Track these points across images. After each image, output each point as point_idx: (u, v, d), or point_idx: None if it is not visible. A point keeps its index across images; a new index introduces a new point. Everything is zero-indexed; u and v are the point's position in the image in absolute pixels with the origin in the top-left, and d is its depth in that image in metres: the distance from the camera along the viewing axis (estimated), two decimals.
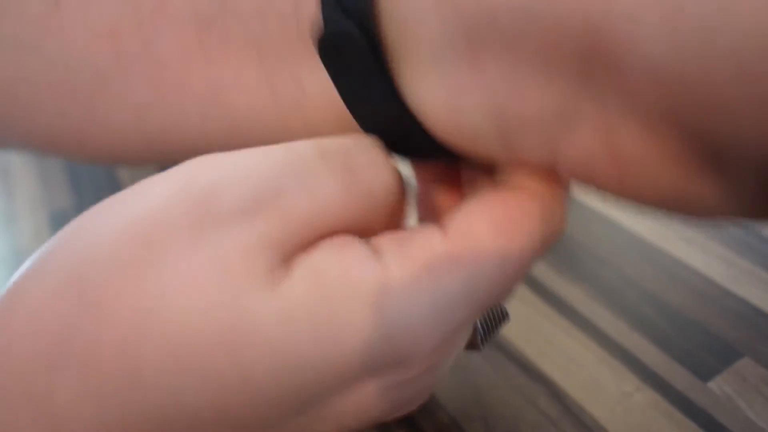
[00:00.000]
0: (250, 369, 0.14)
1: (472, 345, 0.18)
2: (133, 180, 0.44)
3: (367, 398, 0.15)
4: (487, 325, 0.18)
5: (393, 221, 0.17)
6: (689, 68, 0.12)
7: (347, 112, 0.18)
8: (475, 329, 0.18)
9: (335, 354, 0.14)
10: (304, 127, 0.19)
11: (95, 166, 0.46)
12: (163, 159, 0.22)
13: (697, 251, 0.30)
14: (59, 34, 0.21)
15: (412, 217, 0.18)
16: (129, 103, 0.21)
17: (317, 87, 0.18)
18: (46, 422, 0.14)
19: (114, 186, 0.43)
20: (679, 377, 0.25)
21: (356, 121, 0.18)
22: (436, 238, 0.15)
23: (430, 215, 0.20)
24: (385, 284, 0.15)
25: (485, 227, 0.16)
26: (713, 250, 0.30)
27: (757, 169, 0.14)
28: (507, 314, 0.19)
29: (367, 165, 0.16)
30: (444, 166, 0.20)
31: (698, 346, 0.26)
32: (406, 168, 0.19)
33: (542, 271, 0.30)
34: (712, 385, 0.25)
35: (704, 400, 0.24)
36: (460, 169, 0.20)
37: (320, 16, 0.17)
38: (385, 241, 0.16)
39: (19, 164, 0.48)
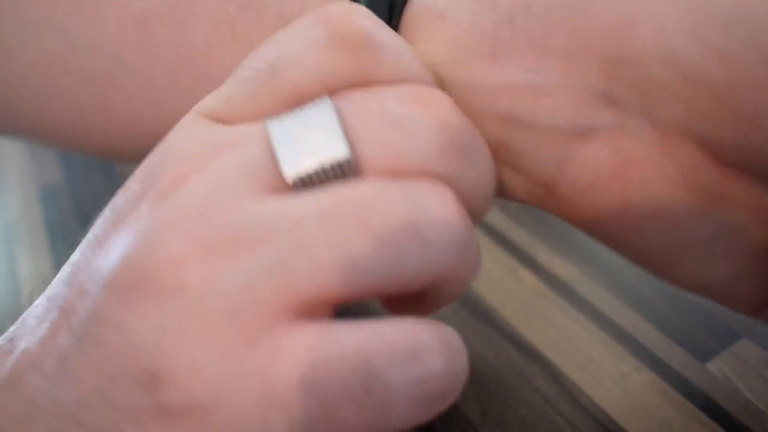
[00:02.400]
0: None
1: None
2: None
3: None
4: None
5: None
6: (711, 64, 0.13)
7: None
8: None
9: None
10: None
11: None
12: None
13: None
14: (88, 17, 0.21)
15: None
16: (145, 92, 0.21)
17: None
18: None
19: (104, 162, 0.42)
20: (678, 358, 0.25)
21: None
22: None
23: None
24: None
25: None
26: None
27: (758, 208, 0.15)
28: None
29: None
30: None
31: (697, 327, 0.26)
32: None
33: (540, 251, 0.30)
34: (711, 366, 0.24)
35: (703, 381, 0.24)
36: None
37: None
38: None
39: (8, 139, 0.47)
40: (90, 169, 0.41)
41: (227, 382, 0.12)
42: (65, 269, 0.15)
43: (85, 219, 0.37)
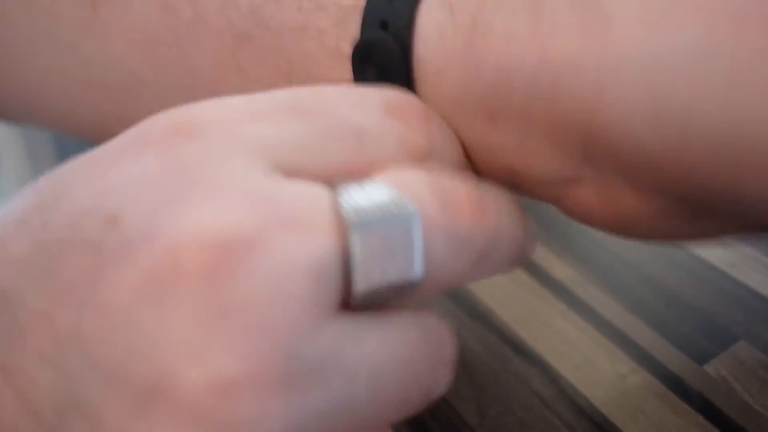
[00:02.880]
0: None
1: None
2: None
3: None
4: None
5: None
6: (671, 150, 0.15)
7: None
8: None
9: None
10: None
11: (84, 142, 0.45)
12: None
13: None
14: (96, 36, 0.21)
15: None
16: (162, 102, 0.21)
17: None
18: None
19: None
20: (675, 360, 0.25)
21: None
22: None
23: None
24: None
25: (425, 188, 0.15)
26: None
27: (723, 218, 0.17)
28: None
29: None
30: None
31: (695, 329, 0.26)
32: None
33: (539, 253, 0.30)
34: (708, 368, 0.24)
35: (700, 383, 0.24)
36: None
37: (359, 31, 0.18)
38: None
39: (6, 140, 0.47)
40: None
41: None
42: (11, 328, 0.11)
43: None
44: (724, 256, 0.28)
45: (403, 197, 0.13)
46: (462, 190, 0.15)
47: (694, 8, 0.14)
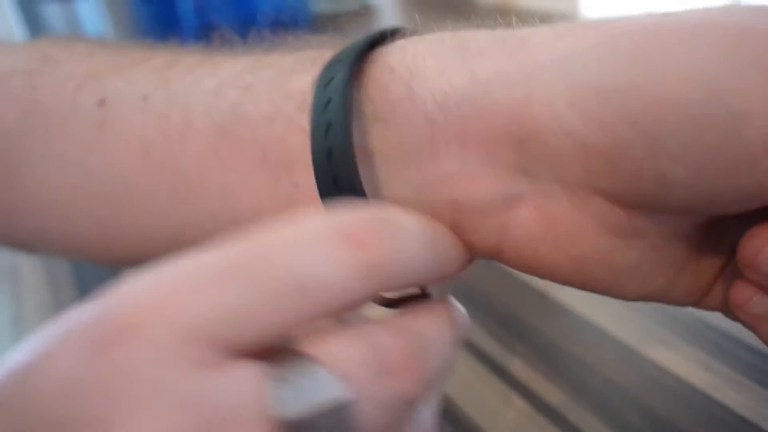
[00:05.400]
0: None
1: None
2: None
3: None
4: None
5: None
6: (592, 132, 0.16)
7: None
8: None
9: None
10: None
11: (102, 272, 0.48)
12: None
13: (680, 357, 0.31)
14: (100, 150, 0.24)
15: None
16: (152, 207, 0.24)
17: (310, 188, 0.20)
18: None
19: None
20: None
21: None
22: None
23: None
24: None
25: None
26: (695, 357, 0.31)
27: (662, 234, 0.18)
28: None
29: None
30: None
31: None
32: None
33: (531, 378, 0.31)
34: None
35: None
36: None
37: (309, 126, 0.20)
38: None
39: (27, 269, 0.49)
40: None
41: None
42: None
43: None
44: (708, 378, 0.30)
45: (338, 392, 0.13)
46: (396, 344, 0.15)
47: (595, 28, 0.18)
